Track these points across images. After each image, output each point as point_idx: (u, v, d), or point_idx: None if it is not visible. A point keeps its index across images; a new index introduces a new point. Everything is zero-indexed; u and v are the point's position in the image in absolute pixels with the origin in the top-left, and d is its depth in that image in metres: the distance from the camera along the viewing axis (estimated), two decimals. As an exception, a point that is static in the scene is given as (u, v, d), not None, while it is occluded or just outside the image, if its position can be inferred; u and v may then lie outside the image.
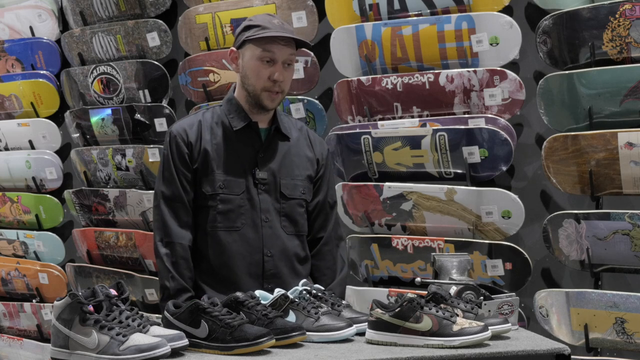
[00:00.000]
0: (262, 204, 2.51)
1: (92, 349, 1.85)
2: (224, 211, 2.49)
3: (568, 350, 2.00)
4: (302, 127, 2.66)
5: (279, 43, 2.45)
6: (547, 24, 3.40)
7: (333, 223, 2.66)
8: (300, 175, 2.57)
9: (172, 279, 2.46)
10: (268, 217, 2.51)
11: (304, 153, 2.60)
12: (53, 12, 4.69)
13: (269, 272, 2.51)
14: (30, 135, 4.74)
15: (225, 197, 2.49)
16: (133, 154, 4.33)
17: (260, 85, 2.48)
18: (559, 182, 3.39)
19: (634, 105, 3.23)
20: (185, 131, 2.52)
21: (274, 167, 2.53)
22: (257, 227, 2.50)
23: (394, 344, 2.04)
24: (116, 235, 4.40)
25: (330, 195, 2.66)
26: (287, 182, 2.54)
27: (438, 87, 3.60)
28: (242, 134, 2.53)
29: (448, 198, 3.54)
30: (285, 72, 2.48)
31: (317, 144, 2.66)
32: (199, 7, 4.18)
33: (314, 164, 2.61)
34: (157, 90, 4.32)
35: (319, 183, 2.63)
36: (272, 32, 2.44)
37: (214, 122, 2.55)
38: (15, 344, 4.76)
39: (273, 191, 2.52)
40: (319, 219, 2.63)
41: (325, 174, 2.65)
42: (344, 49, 3.81)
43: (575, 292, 3.30)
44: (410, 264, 3.65)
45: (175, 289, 2.46)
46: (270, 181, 2.52)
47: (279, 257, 2.52)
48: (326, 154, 2.66)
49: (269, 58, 2.45)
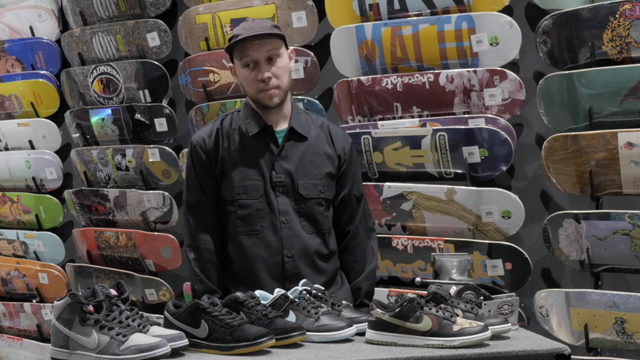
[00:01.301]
0: (280, 206, 2.55)
1: (92, 349, 1.85)
2: (243, 216, 2.56)
3: (568, 350, 2.00)
4: (323, 124, 2.68)
5: (252, 44, 2.49)
6: (547, 24, 3.40)
7: (360, 216, 2.68)
8: (318, 174, 2.59)
9: (200, 282, 2.57)
10: (287, 218, 2.55)
11: (323, 150, 2.62)
12: (53, 12, 4.69)
13: (289, 272, 2.55)
14: (30, 135, 4.73)
15: (243, 202, 2.55)
16: (133, 154, 4.33)
17: (254, 90, 2.54)
18: (559, 182, 3.39)
19: (634, 105, 3.23)
20: (204, 140, 2.61)
21: (290, 169, 2.56)
22: (276, 229, 2.55)
23: (394, 344, 2.04)
24: (116, 235, 4.40)
25: (357, 188, 2.69)
26: (304, 183, 2.57)
27: (438, 87, 3.60)
28: (258, 138, 2.58)
29: (448, 198, 3.54)
30: (272, 67, 2.50)
31: (339, 139, 2.67)
32: (199, 7, 4.18)
33: (334, 160, 2.63)
34: (157, 90, 4.32)
35: (343, 178, 2.65)
36: (241, 36, 2.49)
37: (232, 128, 2.61)
38: (15, 344, 4.76)
39: (291, 192, 2.56)
40: (345, 213, 2.67)
41: (349, 168, 2.66)
42: (344, 49, 3.81)
43: (575, 292, 3.30)
44: (410, 264, 3.65)
45: (204, 291, 2.53)
46: (287, 183, 2.56)
47: (299, 257, 2.56)
48: (349, 148, 2.68)
49: (249, 62, 2.51)
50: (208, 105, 4.13)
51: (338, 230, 2.68)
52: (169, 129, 4.27)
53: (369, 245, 2.70)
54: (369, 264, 2.68)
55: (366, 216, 2.71)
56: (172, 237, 4.20)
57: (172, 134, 4.29)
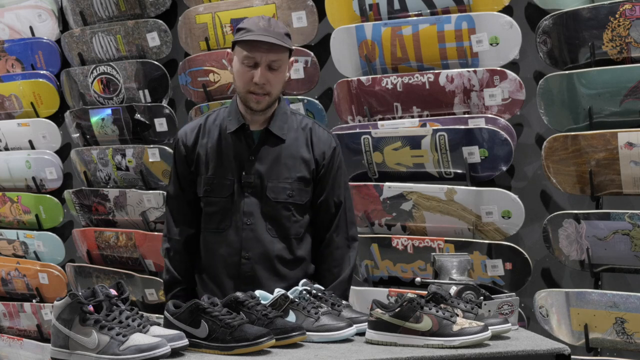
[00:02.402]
0: (245, 207, 2.52)
1: (92, 349, 1.85)
2: (210, 213, 2.56)
3: (568, 350, 2.00)
4: (307, 126, 2.59)
5: (262, 47, 2.43)
6: (547, 24, 3.40)
7: (338, 224, 2.60)
8: (289, 177, 2.53)
9: (167, 272, 2.63)
10: (251, 220, 2.51)
11: (299, 154, 2.55)
12: (53, 12, 4.69)
13: (246, 274, 2.52)
14: (30, 135, 4.74)
15: (211, 200, 2.55)
16: (133, 154, 4.33)
17: (244, 88, 2.48)
18: (559, 182, 3.39)
19: (634, 105, 3.23)
20: (186, 134, 2.61)
21: (261, 170, 2.52)
22: (238, 229, 2.52)
23: (394, 344, 2.04)
24: (116, 235, 4.40)
25: (336, 195, 2.59)
26: (273, 185, 2.52)
27: (438, 87, 3.60)
28: (236, 136, 2.55)
29: (448, 198, 3.54)
30: (270, 74, 2.45)
31: (321, 143, 2.58)
32: (199, 7, 4.18)
33: (310, 164, 2.55)
34: (157, 90, 4.32)
35: (320, 183, 2.58)
36: (253, 36, 2.43)
37: (214, 125, 2.58)
38: (15, 344, 4.76)
39: (259, 194, 2.52)
40: (322, 219, 2.60)
41: (328, 173, 2.57)
42: (344, 49, 3.81)
43: (575, 292, 3.30)
44: (410, 264, 3.65)
45: (169, 281, 2.63)
46: (257, 184, 2.52)
47: (257, 260, 2.52)
48: (330, 153, 2.58)
49: (251, 61, 2.45)
50: (208, 105, 4.13)
51: (316, 237, 2.61)
52: (169, 129, 4.27)
53: (347, 255, 2.59)
54: (342, 274, 2.58)
55: (347, 224, 2.61)
56: (172, 237, 4.20)
57: (172, 134, 4.28)
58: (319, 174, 2.57)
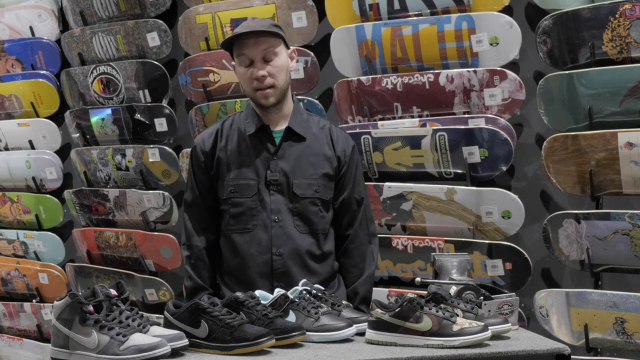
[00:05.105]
0: (272, 204, 2.55)
1: (92, 349, 1.85)
2: (236, 214, 2.58)
3: (568, 350, 2.00)
4: (325, 125, 2.67)
5: (248, 42, 2.49)
6: (547, 24, 3.40)
7: (360, 220, 2.66)
8: (315, 174, 2.58)
9: (190, 279, 2.63)
10: (279, 217, 2.55)
11: (322, 151, 2.61)
12: (53, 12, 4.69)
13: (278, 271, 2.55)
14: (30, 135, 4.74)
15: (236, 201, 2.57)
16: (133, 154, 4.33)
17: (250, 88, 2.55)
18: (559, 182, 3.39)
19: (634, 105, 3.23)
20: (203, 141, 2.65)
21: (286, 168, 2.56)
22: (267, 227, 2.55)
23: (394, 344, 2.04)
24: (116, 235, 4.40)
25: (357, 191, 2.66)
26: (299, 182, 2.56)
27: (438, 87, 3.60)
28: (256, 137, 2.59)
29: (448, 198, 3.54)
30: (268, 65, 2.50)
31: (340, 141, 2.65)
32: (199, 7, 4.18)
33: (333, 161, 2.61)
34: (157, 90, 4.32)
35: (342, 180, 2.64)
36: (236, 31, 2.49)
37: (232, 129, 2.63)
38: (15, 344, 4.76)
39: (285, 191, 2.56)
40: (345, 216, 2.65)
41: (349, 170, 2.64)
42: (344, 49, 3.81)
43: (575, 292, 3.30)
44: (410, 264, 3.65)
45: (192, 287, 2.61)
46: (282, 182, 2.56)
47: (288, 256, 2.55)
48: (350, 151, 2.66)
49: (246, 60, 2.51)
50: (208, 106, 4.13)
51: (338, 233, 2.67)
52: (169, 129, 4.27)
53: (369, 250, 2.67)
54: (367, 269, 2.65)
55: (367, 220, 2.69)
56: (172, 237, 4.20)
57: (172, 134, 4.29)
58: (340, 171, 2.64)
